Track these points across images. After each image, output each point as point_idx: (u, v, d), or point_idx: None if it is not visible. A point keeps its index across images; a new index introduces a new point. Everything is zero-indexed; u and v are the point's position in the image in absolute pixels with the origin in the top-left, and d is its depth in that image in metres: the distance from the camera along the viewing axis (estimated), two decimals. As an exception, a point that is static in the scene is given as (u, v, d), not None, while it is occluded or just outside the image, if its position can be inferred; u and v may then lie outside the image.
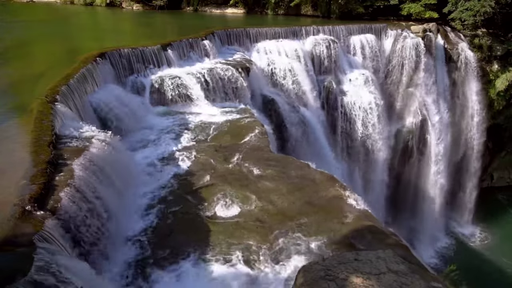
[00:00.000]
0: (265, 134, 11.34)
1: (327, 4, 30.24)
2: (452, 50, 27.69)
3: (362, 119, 22.68)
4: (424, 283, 4.09)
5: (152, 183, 9.04)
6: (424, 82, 25.95)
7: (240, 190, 8.61)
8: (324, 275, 4.18)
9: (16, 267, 4.33)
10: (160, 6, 34.25)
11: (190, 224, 7.74)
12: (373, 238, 6.82)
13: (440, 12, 27.96)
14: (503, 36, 28.61)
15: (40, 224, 5.14)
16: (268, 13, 32.48)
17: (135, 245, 7.17)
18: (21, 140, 7.42)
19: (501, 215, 30.99)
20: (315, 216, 7.69)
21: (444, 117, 27.68)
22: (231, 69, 15.38)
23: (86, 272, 5.16)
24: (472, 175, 30.62)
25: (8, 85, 10.98)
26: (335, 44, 21.99)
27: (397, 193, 26.87)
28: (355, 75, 23.02)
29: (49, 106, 8.65)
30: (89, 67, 11.75)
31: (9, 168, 6.40)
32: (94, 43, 17.54)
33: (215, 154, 10.16)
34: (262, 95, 17.40)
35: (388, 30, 25.47)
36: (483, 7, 25.57)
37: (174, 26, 27.52)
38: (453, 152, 29.13)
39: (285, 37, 20.98)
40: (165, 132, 11.70)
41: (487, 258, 26.94)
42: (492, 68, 29.01)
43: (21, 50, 15.79)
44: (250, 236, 7.34)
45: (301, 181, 8.90)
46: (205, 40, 16.98)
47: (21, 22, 25.78)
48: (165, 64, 14.83)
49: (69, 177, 6.41)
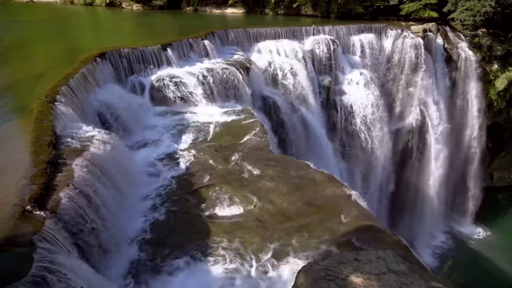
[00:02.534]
0: (265, 134, 11.33)
1: (326, 4, 30.23)
2: (452, 50, 27.69)
3: (362, 119, 22.68)
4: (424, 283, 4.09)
5: (152, 183, 9.04)
6: (424, 82, 25.94)
7: (240, 190, 8.61)
8: (324, 275, 4.18)
9: (16, 267, 4.33)
10: (160, 6, 34.26)
11: (190, 224, 7.73)
12: (373, 238, 6.82)
13: (440, 12, 27.96)
14: (503, 36, 28.60)
15: (40, 224, 5.14)
16: (268, 13, 32.48)
17: (135, 245, 7.17)
18: (21, 140, 7.42)
19: (501, 215, 30.99)
20: (315, 216, 7.69)
21: (443, 117, 27.68)
22: (231, 69, 15.38)
23: (86, 272, 5.17)
24: (472, 175, 30.62)
25: (8, 85, 10.98)
26: (335, 44, 21.99)
27: (397, 193, 26.88)
28: (355, 75, 23.01)
29: (49, 106, 8.65)
30: (89, 67, 11.75)
31: (9, 168, 6.40)
32: (94, 43, 17.57)
33: (215, 154, 10.16)
34: (262, 95, 17.40)
35: (388, 30, 25.47)
36: (483, 7, 25.56)
37: (174, 26, 27.52)
38: (453, 152, 29.12)
39: (285, 37, 20.97)
40: (165, 132, 11.69)
41: (487, 258, 26.94)
42: (492, 68, 29.01)
43: (21, 50, 15.78)
44: (250, 236, 7.34)
45: (301, 181, 8.89)
46: (205, 40, 16.98)
47: (21, 22, 25.77)
48: (165, 64, 14.82)
49: (69, 177, 6.41)
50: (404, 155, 26.92)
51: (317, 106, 20.68)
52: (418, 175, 27.64)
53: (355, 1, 29.19)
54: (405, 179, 27.36)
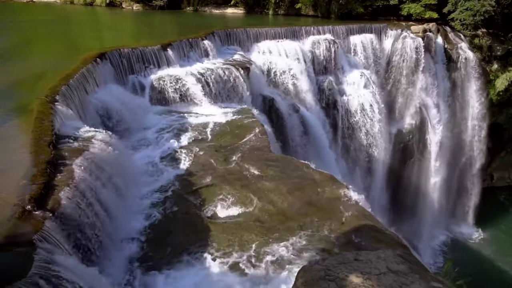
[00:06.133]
0: (265, 134, 11.32)
1: (327, 4, 30.24)
2: (452, 50, 27.70)
3: (362, 119, 22.69)
4: (424, 283, 4.08)
5: (152, 183, 9.03)
6: (424, 82, 25.96)
7: (240, 190, 8.60)
8: (324, 275, 4.17)
9: (16, 267, 4.33)
10: (160, 6, 34.24)
11: (190, 224, 7.73)
12: (373, 238, 6.82)
13: (440, 12, 27.97)
14: (503, 36, 28.61)
15: (40, 224, 5.14)
16: (268, 13, 32.49)
17: (135, 245, 7.17)
18: (21, 140, 7.41)
19: (501, 215, 30.99)
20: (315, 216, 7.69)
21: (444, 117, 27.68)
22: (231, 69, 15.38)
23: (85, 272, 5.17)
24: (472, 175, 30.62)
25: (8, 85, 10.96)
26: (335, 44, 21.99)
27: (397, 193, 26.89)
28: (355, 75, 23.02)
29: (49, 106, 8.64)
30: (89, 67, 11.75)
31: (9, 168, 6.39)
32: (94, 43, 17.55)
33: (215, 154, 10.15)
34: (262, 95, 17.40)
35: (388, 30, 25.47)
36: (483, 7, 25.58)
37: (174, 26, 27.53)
38: (453, 152, 29.12)
39: (285, 37, 20.97)
40: (165, 132, 11.68)
41: (487, 258, 26.94)
42: (492, 68, 29.02)
43: (21, 50, 15.77)
44: (250, 236, 7.34)
45: (301, 181, 8.89)
46: (205, 40, 16.98)
47: (21, 22, 25.76)
48: (165, 64, 14.82)
49: (69, 177, 6.41)
50: (404, 155, 26.92)
51: (317, 106, 20.68)
52: (418, 175, 27.64)
53: (355, 1, 29.20)
54: (405, 179, 27.37)
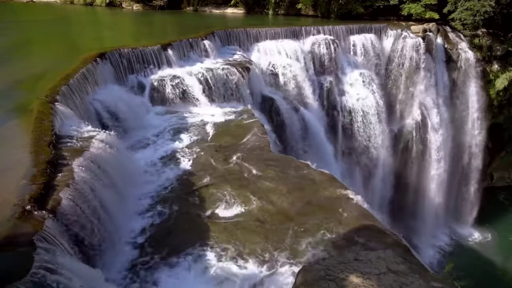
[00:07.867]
0: (265, 134, 11.33)
1: (327, 4, 30.24)
2: (452, 50, 27.70)
3: (362, 119, 22.69)
4: (424, 283, 4.09)
5: (152, 183, 9.04)
6: (424, 82, 25.96)
7: (240, 190, 8.61)
8: (324, 275, 4.18)
9: (16, 267, 4.33)
10: (160, 6, 34.27)
11: (190, 224, 7.73)
12: (373, 238, 6.82)
13: (440, 12, 27.97)
14: (503, 36, 28.62)
15: (40, 224, 5.14)
16: (268, 13, 32.49)
17: (135, 245, 7.17)
18: (21, 140, 7.41)
19: (501, 215, 30.98)
20: (315, 216, 7.69)
21: (444, 117, 27.68)
22: (231, 69, 15.38)
23: (86, 272, 5.17)
24: (472, 175, 30.62)
25: (8, 85, 10.96)
26: (335, 44, 21.99)
27: (397, 193, 26.88)
28: (355, 75, 23.02)
29: (49, 106, 8.65)
30: (89, 67, 11.75)
31: (9, 168, 6.39)
32: (94, 43, 17.54)
33: (215, 154, 10.16)
34: (262, 95, 17.40)
35: (388, 30, 25.47)
36: (483, 7, 25.58)
37: (174, 26, 27.52)
38: (453, 152, 29.13)
39: (285, 37, 20.97)
40: (165, 132, 11.69)
41: (487, 258, 26.95)
42: (492, 68, 29.02)
43: (21, 50, 15.78)
44: (250, 236, 7.34)
45: (301, 181, 8.89)
46: (205, 40, 16.99)
47: (21, 22, 25.77)
48: (165, 64, 14.83)
49: (69, 177, 6.41)
50: (404, 156, 26.91)
51: (317, 106, 20.68)
52: (418, 175, 27.64)
53: (355, 1, 29.20)
54: (405, 179, 27.36)
